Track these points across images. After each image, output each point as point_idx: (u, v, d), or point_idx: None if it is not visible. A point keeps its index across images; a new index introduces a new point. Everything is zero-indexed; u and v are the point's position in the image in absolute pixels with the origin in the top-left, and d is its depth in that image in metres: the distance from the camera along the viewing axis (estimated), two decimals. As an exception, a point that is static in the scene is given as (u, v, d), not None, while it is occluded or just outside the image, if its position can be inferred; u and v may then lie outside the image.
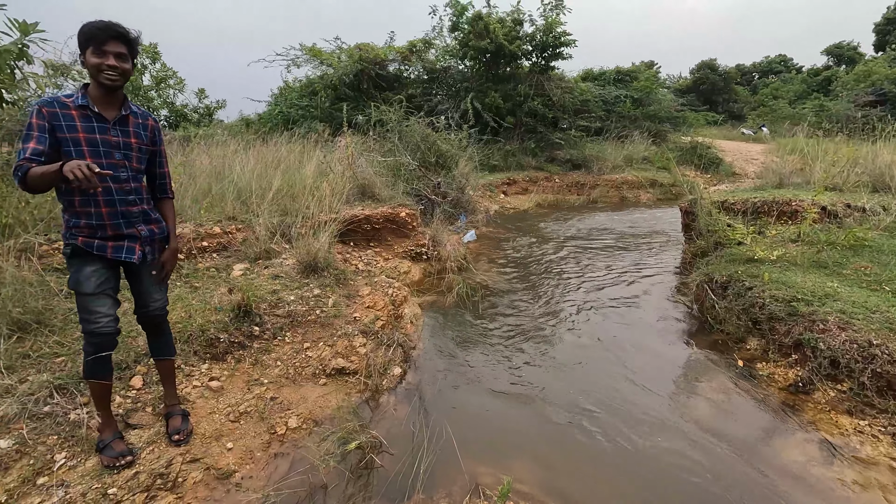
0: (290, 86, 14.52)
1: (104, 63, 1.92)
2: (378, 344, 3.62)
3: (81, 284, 2.04)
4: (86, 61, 1.94)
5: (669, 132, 16.76)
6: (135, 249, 2.15)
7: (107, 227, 2.06)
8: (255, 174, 5.64)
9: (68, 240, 2.05)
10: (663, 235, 8.02)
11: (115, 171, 2.03)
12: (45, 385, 2.53)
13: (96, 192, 2.00)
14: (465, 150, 8.72)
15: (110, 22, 1.95)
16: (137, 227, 2.14)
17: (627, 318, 4.57)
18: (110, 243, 2.08)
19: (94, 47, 1.92)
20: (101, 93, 2.01)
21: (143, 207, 2.18)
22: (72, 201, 2.01)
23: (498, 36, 12.16)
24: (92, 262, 2.06)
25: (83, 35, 1.92)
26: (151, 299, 2.29)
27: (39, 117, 1.90)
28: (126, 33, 1.98)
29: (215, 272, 4.16)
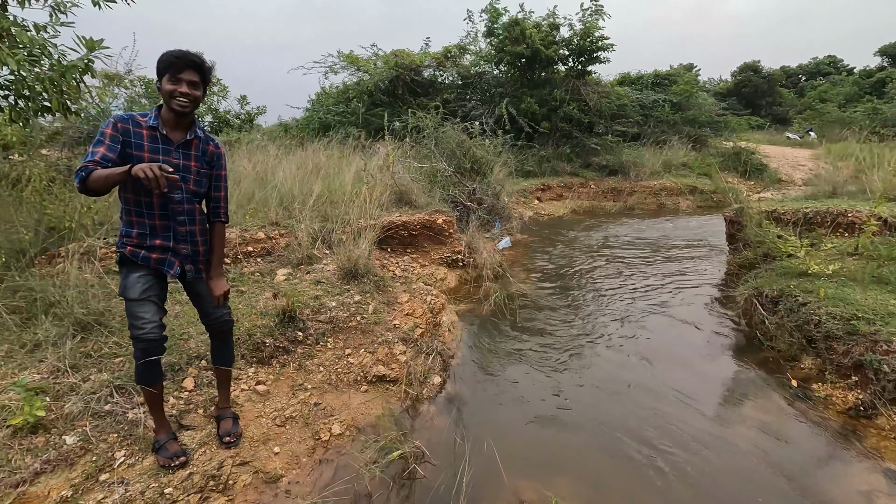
0: (327, 92, 14.84)
1: (177, 90, 2.01)
2: (417, 352, 3.64)
3: (128, 290, 2.12)
4: (161, 87, 2.04)
5: (710, 137, 16.25)
6: (174, 264, 2.21)
7: (154, 239, 2.14)
8: (296, 180, 5.79)
9: (119, 248, 2.15)
10: (705, 245, 7.77)
11: (172, 192, 2.11)
12: (106, 384, 2.66)
13: (152, 206, 2.09)
14: (499, 155, 8.69)
15: (187, 52, 2.04)
16: (181, 245, 2.21)
17: (670, 331, 4.45)
18: (154, 255, 2.15)
19: (170, 75, 2.01)
20: (172, 117, 2.10)
21: (191, 229, 2.23)
22: (129, 211, 2.11)
23: (534, 41, 12.09)
24: (137, 270, 2.14)
25: (162, 63, 2.02)
26: (213, 312, 2.38)
27: (114, 129, 2.00)
28: (200, 63, 2.07)
29: (260, 277, 4.28)
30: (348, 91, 13.66)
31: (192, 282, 2.32)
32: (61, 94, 3.60)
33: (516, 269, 6.30)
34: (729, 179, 12.90)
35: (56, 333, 2.98)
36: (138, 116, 2.07)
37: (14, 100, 3.70)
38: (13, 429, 2.28)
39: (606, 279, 5.98)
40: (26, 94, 3.59)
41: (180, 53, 2.02)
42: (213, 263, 2.36)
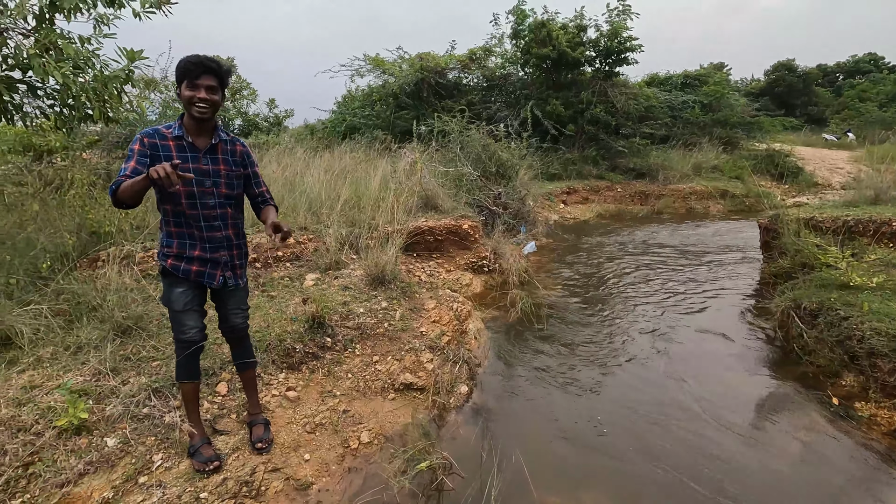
0: (352, 94, 15.01)
1: (196, 96, 2.03)
2: (444, 360, 3.64)
3: (172, 303, 2.22)
4: (181, 94, 2.06)
5: (742, 139, 15.80)
6: (215, 276, 2.27)
7: (193, 249, 2.19)
8: (324, 185, 5.87)
9: (160, 260, 2.22)
10: (737, 251, 7.56)
11: (203, 198, 2.15)
12: (144, 388, 2.74)
13: (187, 216, 2.14)
14: (524, 158, 8.64)
15: (203, 57, 2.04)
16: (220, 252, 2.26)
17: (701, 343, 4.33)
18: (194, 267, 2.21)
19: (188, 81, 2.03)
20: (194, 123, 2.13)
21: (227, 233, 2.28)
22: (168, 221, 2.17)
23: (560, 43, 11.98)
24: (179, 284, 2.21)
25: (179, 70, 2.04)
26: (233, 319, 2.44)
27: (141, 145, 2.04)
28: (217, 67, 2.07)
29: (289, 281, 4.35)
30: (373, 94, 13.78)
31: (224, 288, 2.37)
32: (103, 103, 3.73)
33: (542, 275, 6.24)
34: (762, 183, 12.53)
35: (97, 336, 3.08)
36: (163, 129, 2.11)
37: (59, 108, 3.85)
38: (58, 430, 2.37)
39: (634, 287, 5.87)
40: (70, 104, 3.74)
41: (196, 59, 2.02)
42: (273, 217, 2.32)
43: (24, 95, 3.74)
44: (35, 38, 3.32)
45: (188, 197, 2.12)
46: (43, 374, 2.76)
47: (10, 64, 3.35)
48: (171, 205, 2.12)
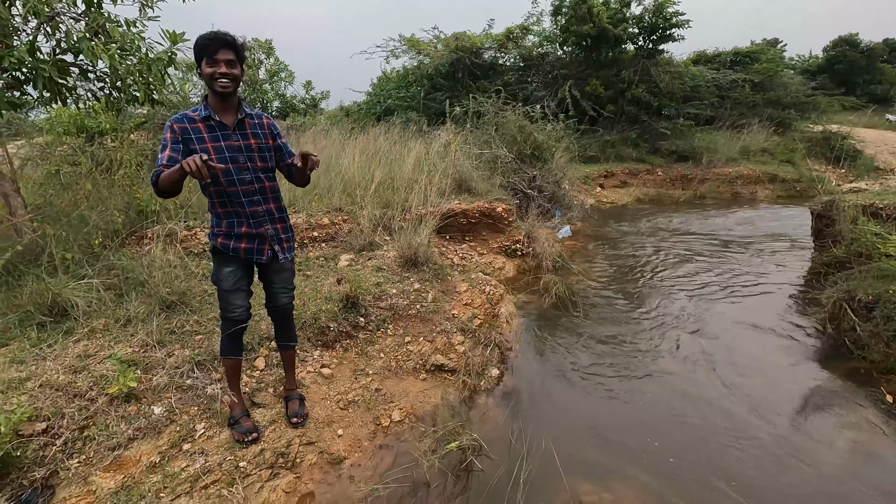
0: (388, 76, 14.96)
1: (217, 71, 2.04)
2: (476, 343, 3.64)
3: (221, 282, 2.29)
4: (202, 72, 2.08)
5: (795, 120, 14.86)
6: (264, 251, 2.33)
7: (240, 227, 2.25)
8: (358, 167, 5.90)
9: (211, 239, 2.29)
10: (785, 239, 7.18)
11: (240, 174, 2.19)
12: (188, 360, 2.86)
13: (228, 194, 2.19)
14: (561, 140, 8.42)
15: (218, 32, 2.05)
16: (264, 227, 2.30)
17: (743, 333, 4.17)
18: (243, 244, 2.27)
19: (206, 58, 2.04)
20: (218, 101, 2.15)
21: (269, 207, 2.32)
22: (213, 203, 2.23)
23: (602, 19, 11.52)
24: (228, 263, 2.28)
25: (197, 48, 2.05)
26: (281, 297, 2.49)
27: (172, 132, 2.07)
28: (233, 41, 2.08)
29: (324, 261, 4.43)
30: (408, 75, 13.68)
31: (271, 265, 2.41)
32: (148, 85, 3.84)
33: (577, 260, 6.13)
34: (816, 167, 11.80)
35: (144, 310, 3.23)
36: (190, 112, 2.13)
37: (109, 91, 3.99)
38: (110, 397, 2.51)
39: (674, 275, 5.68)
40: (118, 86, 3.87)
41: (212, 35, 2.03)
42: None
43: (77, 78, 3.90)
44: (85, 23, 3.43)
45: (226, 174, 2.16)
46: (96, 344, 2.92)
47: (62, 48, 3.48)
48: (213, 186, 2.17)
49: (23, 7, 3.18)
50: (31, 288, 3.16)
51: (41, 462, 2.17)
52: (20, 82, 3.48)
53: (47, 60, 3.32)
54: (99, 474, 2.18)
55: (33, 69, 3.22)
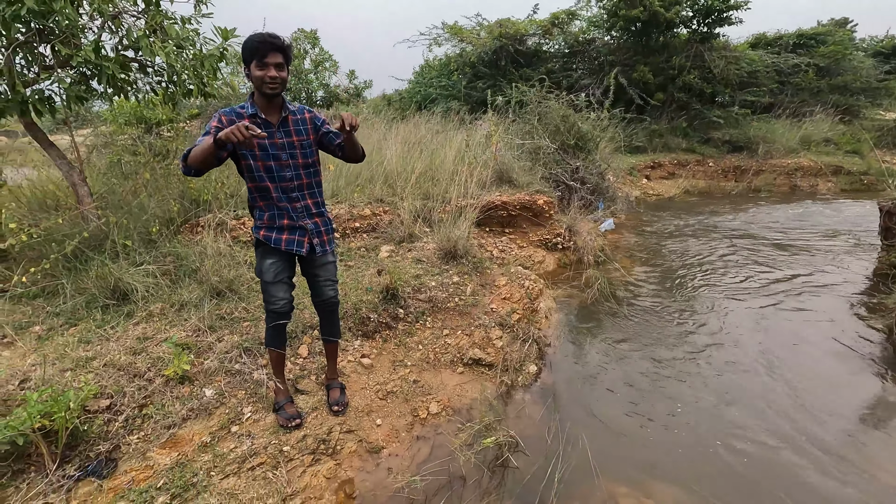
0: (430, 64, 14.92)
1: (267, 75, 2.07)
2: (514, 338, 3.63)
3: (263, 273, 2.36)
4: (251, 74, 2.10)
5: (865, 107, 13.82)
6: (303, 243, 2.37)
7: (281, 219, 2.30)
8: (399, 157, 5.95)
9: (254, 232, 2.36)
10: (849, 237, 6.73)
11: (281, 171, 2.24)
12: (236, 346, 2.99)
13: (269, 190, 2.23)
14: (605, 130, 8.16)
15: (268, 34, 2.05)
16: (303, 221, 2.36)
17: (801, 335, 3.95)
18: (284, 236, 2.33)
19: (256, 61, 2.05)
20: (265, 101, 2.18)
21: (307, 203, 2.36)
22: (254, 198, 2.29)
23: (653, 3, 11.01)
24: (271, 255, 2.34)
25: (247, 51, 2.06)
26: (327, 291, 2.54)
27: (219, 122, 2.10)
28: (282, 44, 2.10)
29: (365, 252, 4.51)
30: (451, 63, 13.60)
31: (312, 260, 2.47)
32: (201, 79, 3.99)
33: (620, 255, 5.97)
34: (886, 159, 10.95)
35: (197, 296, 3.40)
36: (238, 108, 2.18)
37: (166, 84, 4.17)
38: (166, 378, 2.67)
39: (725, 274, 5.43)
40: (174, 80, 4.04)
41: (262, 38, 2.04)
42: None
43: (137, 73, 4.10)
44: (144, 20, 3.59)
45: (267, 171, 2.22)
46: (153, 327, 3.10)
47: (123, 45, 3.66)
48: (253, 182, 2.23)
49: (89, 6, 3.36)
50: (96, 272, 3.39)
51: (105, 437, 2.34)
52: (86, 78, 3.69)
53: (110, 58, 3.50)
54: (156, 450, 2.33)
55: (98, 66, 3.41)
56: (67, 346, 2.85)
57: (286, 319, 2.49)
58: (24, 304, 3.37)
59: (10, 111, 3.45)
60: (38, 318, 3.21)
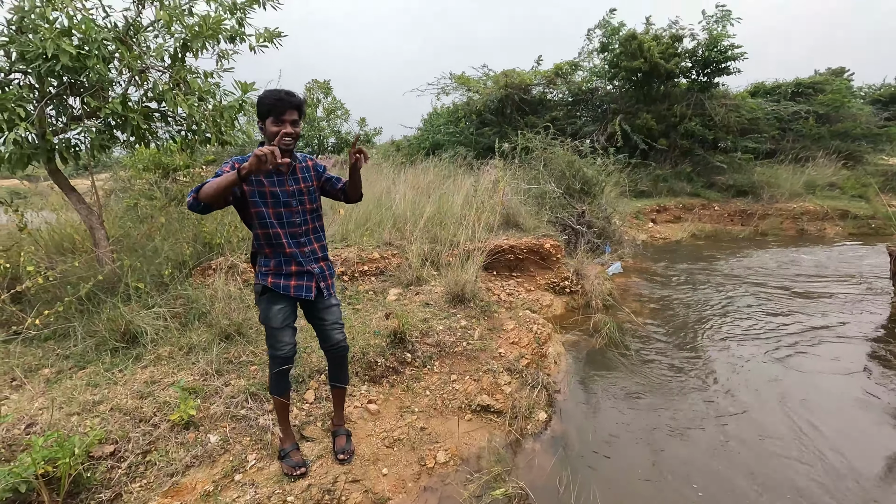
0: (438, 112, 15.45)
1: (282, 131, 2.14)
2: (522, 383, 3.57)
3: (270, 320, 2.35)
4: (265, 129, 2.17)
5: (867, 153, 14.00)
6: (311, 288, 2.40)
7: (288, 265, 2.33)
8: (408, 201, 6.07)
9: (260, 280, 2.35)
10: (860, 282, 6.66)
11: (291, 217, 2.30)
12: (243, 390, 2.97)
13: (279, 236, 2.27)
14: (610, 175, 8.31)
15: (285, 92, 2.14)
16: (310, 266, 2.39)
17: (819, 389, 3.84)
18: (292, 282, 2.35)
19: (273, 117, 2.13)
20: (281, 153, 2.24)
21: (313, 247, 2.42)
22: (261, 245, 2.32)
23: (653, 55, 11.45)
24: (278, 301, 2.35)
25: (264, 107, 2.13)
26: (335, 335, 2.54)
27: (232, 168, 2.12)
28: (299, 101, 2.19)
29: (373, 295, 4.53)
30: (458, 111, 14.07)
31: (318, 304, 2.49)
32: (219, 128, 4.17)
33: (628, 300, 5.94)
34: (893, 203, 10.98)
35: (206, 339, 3.41)
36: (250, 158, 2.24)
37: (185, 133, 4.36)
38: (171, 423, 2.64)
39: (735, 320, 5.35)
40: (194, 129, 4.22)
41: (280, 96, 2.11)
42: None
43: (158, 122, 4.29)
44: (169, 75, 3.80)
45: (277, 217, 2.27)
46: (161, 371, 3.10)
47: (148, 97, 3.86)
48: (263, 229, 2.27)
49: (119, 62, 3.57)
50: (108, 315, 3.42)
51: (107, 484, 2.30)
52: (111, 127, 3.87)
53: (135, 109, 3.68)
54: (158, 499, 2.28)
55: (124, 117, 3.59)
56: (75, 390, 2.85)
57: (291, 365, 2.48)
58: (36, 347, 3.39)
59: (37, 158, 3.61)
60: (48, 361, 3.23)
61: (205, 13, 3.86)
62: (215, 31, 3.82)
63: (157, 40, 3.89)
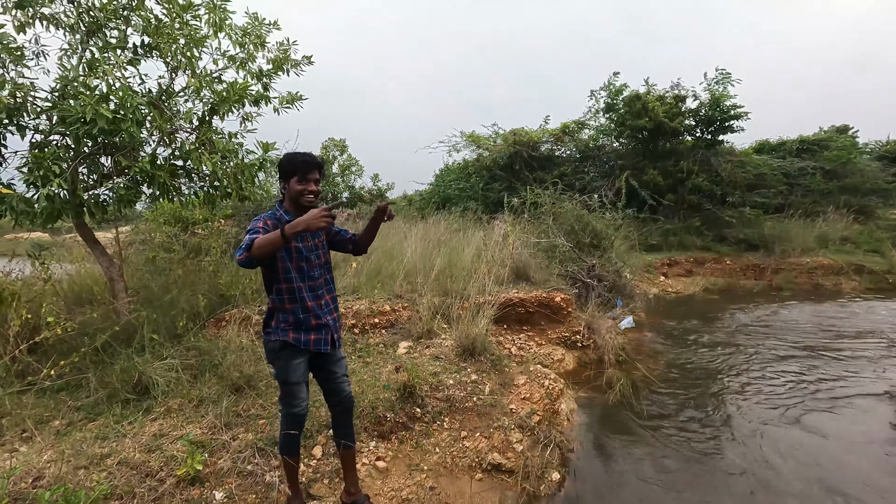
0: (449, 168, 15.92)
1: (306, 189, 2.27)
2: (535, 441, 3.48)
3: (289, 375, 2.35)
4: (289, 188, 2.29)
5: (878, 207, 14.03)
6: (327, 341, 2.44)
7: (308, 320, 2.36)
8: (419, 254, 6.16)
9: (279, 336, 2.34)
10: (882, 339, 6.49)
11: (311, 272, 2.37)
12: (251, 445, 2.94)
13: (301, 290, 2.33)
14: (619, 229, 8.39)
15: (309, 155, 2.29)
16: (326, 318, 2.43)
17: (843, 450, 3.69)
18: (312, 336, 2.38)
19: (298, 177, 2.27)
20: (297, 210, 2.33)
21: (326, 299, 2.47)
22: (283, 300, 2.35)
23: (657, 114, 11.85)
24: (297, 356, 2.37)
25: (290, 166, 2.27)
26: (344, 387, 2.54)
27: (264, 224, 2.23)
28: (321, 163, 2.35)
29: (383, 348, 4.52)
30: (468, 167, 14.49)
31: (330, 356, 2.50)
32: (240, 185, 4.36)
33: (641, 355, 5.83)
34: (909, 258, 10.87)
35: (216, 392, 3.41)
36: (275, 214, 2.31)
37: (207, 189, 4.56)
38: (177, 479, 2.60)
39: (752, 378, 5.19)
40: (216, 185, 4.41)
41: (305, 158, 2.27)
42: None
43: (182, 178, 4.51)
44: (196, 136, 4.04)
45: (299, 272, 2.34)
46: (170, 424, 3.09)
47: (175, 155, 4.08)
48: (287, 283, 2.32)
49: (151, 125, 3.81)
50: (122, 366, 3.46)
51: (109, 543, 2.24)
52: (138, 183, 4.07)
53: (162, 167, 3.89)
54: (159, 560, 2.21)
55: (151, 174, 3.78)
56: (84, 442, 2.84)
57: (302, 424, 2.47)
58: (48, 398, 3.41)
59: (67, 213, 3.79)
60: (59, 413, 3.24)
61: (232, 80, 4.15)
62: (241, 96, 4.09)
63: (187, 104, 4.17)
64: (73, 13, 3.68)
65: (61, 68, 3.66)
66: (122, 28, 3.87)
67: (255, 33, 4.21)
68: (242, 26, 4.21)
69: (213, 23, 4.00)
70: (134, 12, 3.79)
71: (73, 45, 3.77)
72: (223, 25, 4.05)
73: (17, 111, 3.36)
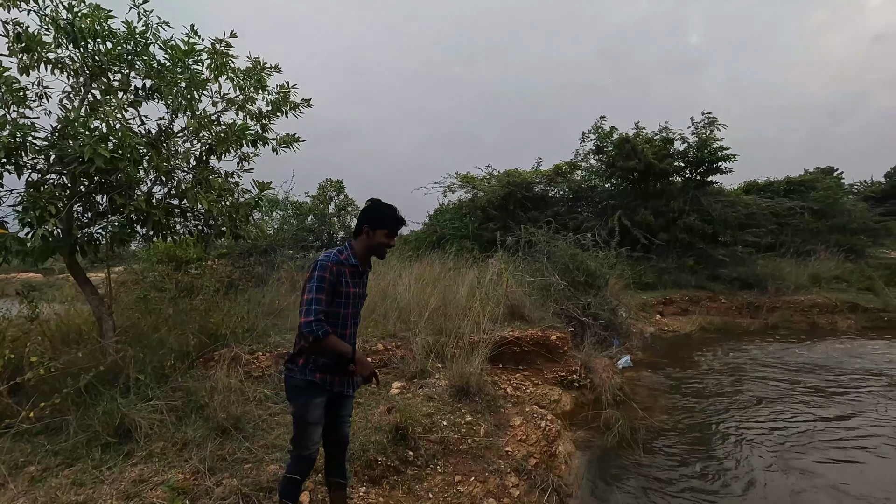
0: (444, 208, 16.09)
1: (389, 243, 2.38)
2: (531, 486, 3.35)
3: (309, 414, 2.29)
4: (374, 236, 2.34)
5: (867, 246, 14.22)
6: (350, 382, 2.43)
7: (339, 364, 2.32)
8: (413, 293, 6.13)
9: (306, 375, 2.28)
10: (881, 377, 6.42)
11: (356, 317, 2.43)
12: (234, 491, 2.80)
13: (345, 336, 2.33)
14: (614, 268, 8.41)
15: (400, 214, 2.39)
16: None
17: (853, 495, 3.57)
18: (338, 377, 2.35)
19: (388, 231, 2.35)
20: (367, 256, 2.41)
21: (355, 340, 2.47)
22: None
23: (647, 155, 12.16)
24: (320, 396, 2.31)
25: (381, 220, 2.35)
26: (346, 428, 2.51)
27: (330, 273, 2.23)
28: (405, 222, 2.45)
29: (375, 388, 4.41)
30: (463, 207, 14.67)
31: (347, 397, 2.49)
32: (235, 223, 4.37)
33: (640, 395, 5.72)
34: (901, 296, 10.91)
35: (201, 434, 3.29)
36: (341, 255, 2.33)
37: (201, 227, 4.57)
38: (155, 528, 2.47)
39: (753, 418, 5.08)
40: (210, 223, 4.43)
41: (398, 217, 2.37)
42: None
43: (177, 217, 4.52)
44: (192, 175, 4.09)
45: (353, 318, 2.39)
46: (151, 469, 2.95)
47: (171, 194, 4.11)
48: (335, 328, 2.25)
49: (148, 164, 3.85)
50: (104, 408, 3.34)
51: None
52: (132, 222, 4.08)
53: (157, 206, 3.91)
54: None
55: (146, 213, 3.80)
56: (59, 489, 2.71)
57: (311, 469, 2.41)
58: (25, 442, 3.27)
59: (60, 251, 3.77)
60: (35, 457, 3.09)
61: (231, 121, 4.25)
62: (240, 137, 4.17)
63: (185, 145, 4.24)
64: (79, 57, 3.79)
65: (63, 109, 3.74)
66: (125, 72, 3.98)
67: (256, 76, 4.33)
68: (245, 69, 4.30)
69: (215, 67, 4.12)
70: (138, 57, 3.91)
71: (76, 88, 3.86)
72: (224, 70, 4.17)
73: (16, 150, 3.39)
